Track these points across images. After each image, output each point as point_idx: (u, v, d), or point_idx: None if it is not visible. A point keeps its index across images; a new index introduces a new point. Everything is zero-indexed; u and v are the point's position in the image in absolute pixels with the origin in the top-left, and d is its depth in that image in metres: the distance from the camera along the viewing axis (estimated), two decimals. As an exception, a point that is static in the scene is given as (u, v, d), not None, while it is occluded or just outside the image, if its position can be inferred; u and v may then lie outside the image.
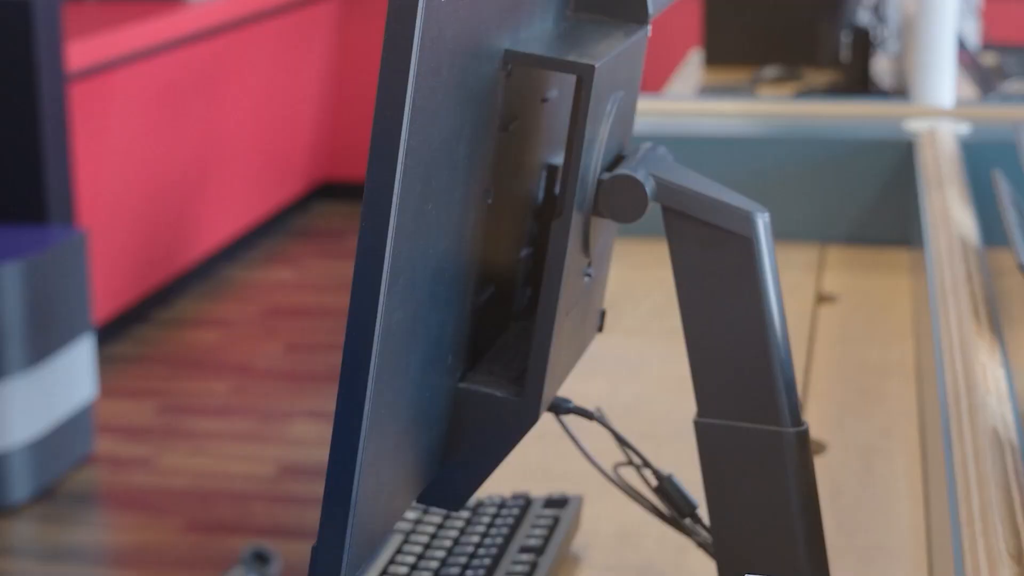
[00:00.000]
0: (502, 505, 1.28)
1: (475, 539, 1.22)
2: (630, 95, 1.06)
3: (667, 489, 1.13)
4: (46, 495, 3.63)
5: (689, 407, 1.05)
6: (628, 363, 1.80)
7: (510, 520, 1.24)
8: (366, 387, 0.82)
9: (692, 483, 1.11)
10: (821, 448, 1.56)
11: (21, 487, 3.56)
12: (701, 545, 1.14)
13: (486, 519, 1.25)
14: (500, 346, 1.03)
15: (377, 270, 0.80)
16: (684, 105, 2.62)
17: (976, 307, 1.56)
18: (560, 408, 1.10)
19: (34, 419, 3.56)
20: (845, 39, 3.31)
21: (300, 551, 3.24)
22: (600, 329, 1.14)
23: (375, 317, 0.81)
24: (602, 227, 1.05)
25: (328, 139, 6.25)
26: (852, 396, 1.71)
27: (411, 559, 1.18)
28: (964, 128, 2.32)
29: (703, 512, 1.10)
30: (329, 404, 4.06)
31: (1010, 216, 1.68)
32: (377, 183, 0.79)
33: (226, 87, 5.31)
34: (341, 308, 4.80)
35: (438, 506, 0.98)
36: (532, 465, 1.43)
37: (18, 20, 3.71)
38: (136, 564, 3.36)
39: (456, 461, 0.98)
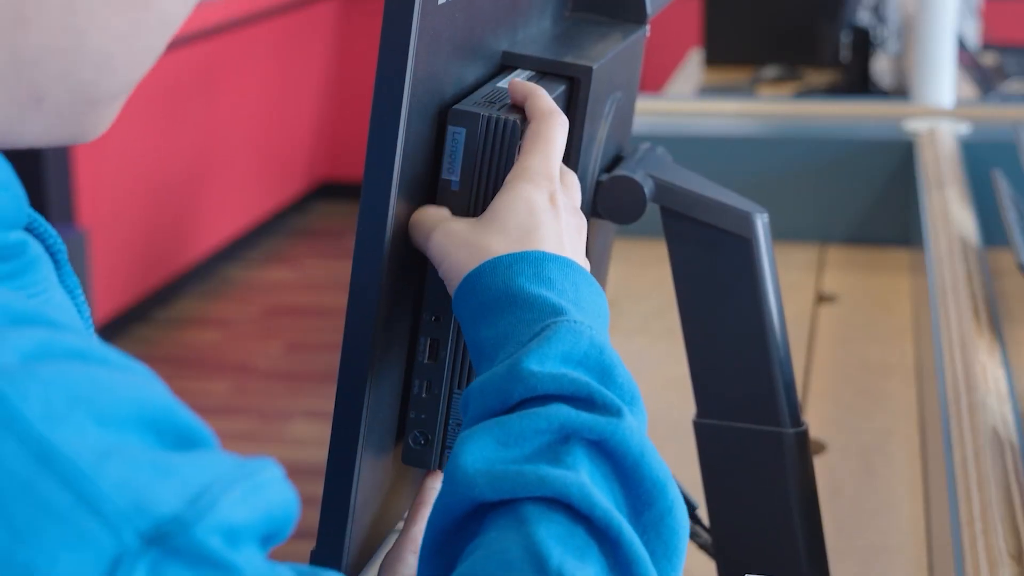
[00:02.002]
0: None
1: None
2: (628, 95, 1.06)
3: (667, 489, 1.12)
4: (46, 495, 3.63)
5: (689, 407, 1.05)
6: (628, 363, 1.80)
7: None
8: (365, 387, 0.81)
9: (692, 483, 1.11)
10: (821, 448, 1.56)
11: (21, 487, 3.56)
12: (701, 546, 1.13)
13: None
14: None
15: (375, 271, 0.80)
16: (684, 105, 2.62)
17: (976, 307, 1.56)
18: (559, 409, 1.09)
19: (34, 419, 3.56)
20: (845, 39, 3.31)
21: (300, 551, 3.24)
22: (599, 329, 1.13)
23: (373, 317, 0.80)
24: (601, 227, 1.05)
25: (328, 139, 6.25)
26: (852, 396, 1.71)
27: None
28: (964, 128, 2.32)
29: (703, 512, 1.10)
30: (329, 404, 4.06)
31: (1010, 216, 1.68)
32: (374, 186, 0.79)
33: (226, 87, 5.31)
34: (341, 308, 4.79)
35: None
36: (532, 465, 1.43)
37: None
38: (136, 564, 3.36)
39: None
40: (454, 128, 0.83)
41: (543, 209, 0.81)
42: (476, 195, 0.84)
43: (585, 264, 0.85)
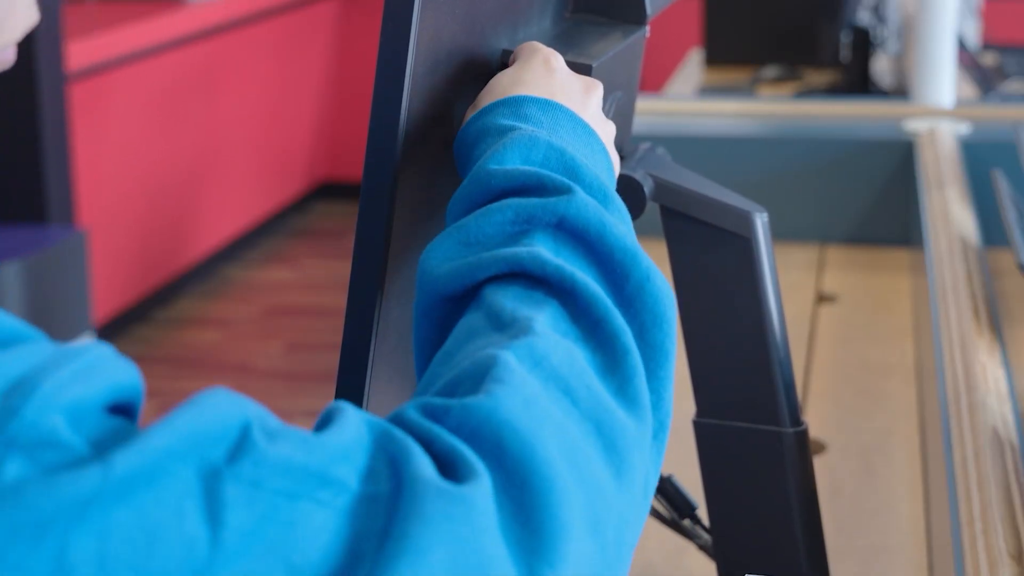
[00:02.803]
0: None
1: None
2: (629, 95, 1.06)
3: (667, 489, 1.12)
4: (46, 495, 3.62)
5: (689, 407, 1.05)
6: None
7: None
8: (364, 386, 0.81)
9: (692, 483, 1.11)
10: (821, 448, 1.56)
11: (21, 487, 3.56)
12: (701, 546, 1.13)
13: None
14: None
15: (375, 270, 0.80)
16: (684, 105, 2.62)
17: (976, 307, 1.56)
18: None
19: (34, 419, 3.56)
20: (845, 39, 3.31)
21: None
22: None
23: (373, 316, 0.80)
24: (601, 227, 1.05)
25: (328, 139, 6.25)
26: (852, 396, 1.71)
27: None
28: (964, 128, 2.32)
29: (703, 512, 1.10)
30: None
31: (1010, 216, 1.68)
32: (374, 185, 0.79)
33: (226, 87, 5.31)
34: (341, 308, 4.78)
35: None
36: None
37: (18, 20, 3.70)
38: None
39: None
40: None
41: (533, 68, 0.84)
42: None
43: (595, 119, 0.85)
